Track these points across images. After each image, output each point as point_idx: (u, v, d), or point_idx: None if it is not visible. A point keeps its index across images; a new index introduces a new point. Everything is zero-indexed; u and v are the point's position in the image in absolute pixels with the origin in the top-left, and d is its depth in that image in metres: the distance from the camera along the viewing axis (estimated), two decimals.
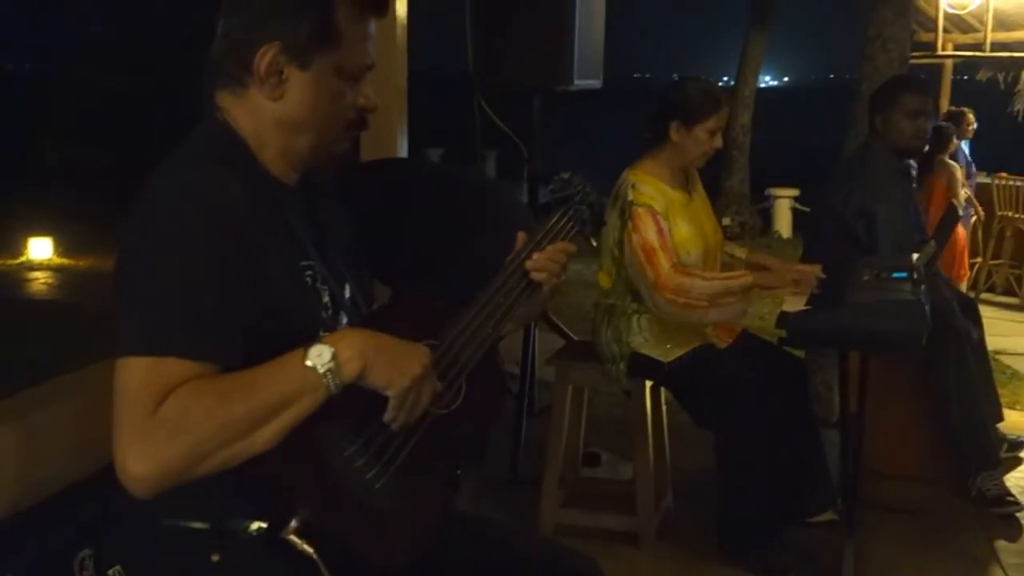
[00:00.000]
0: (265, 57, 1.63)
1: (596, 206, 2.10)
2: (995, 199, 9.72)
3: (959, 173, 8.60)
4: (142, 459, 1.43)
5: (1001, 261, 9.72)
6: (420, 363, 1.58)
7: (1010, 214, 9.67)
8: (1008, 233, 9.66)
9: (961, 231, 8.70)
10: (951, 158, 8.74)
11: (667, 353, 3.60)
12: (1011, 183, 9.70)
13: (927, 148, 8.43)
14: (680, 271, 3.52)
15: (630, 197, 3.60)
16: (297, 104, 1.67)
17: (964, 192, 8.74)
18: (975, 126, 9.70)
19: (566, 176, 2.08)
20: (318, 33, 1.64)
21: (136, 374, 1.47)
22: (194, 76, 1.75)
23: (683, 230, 3.65)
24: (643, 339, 3.64)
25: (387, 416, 1.58)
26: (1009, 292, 9.71)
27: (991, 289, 9.76)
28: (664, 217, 3.59)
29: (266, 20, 1.63)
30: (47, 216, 12.10)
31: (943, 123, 8.67)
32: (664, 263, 3.51)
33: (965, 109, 9.91)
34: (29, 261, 11.48)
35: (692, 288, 3.48)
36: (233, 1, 1.66)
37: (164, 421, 1.43)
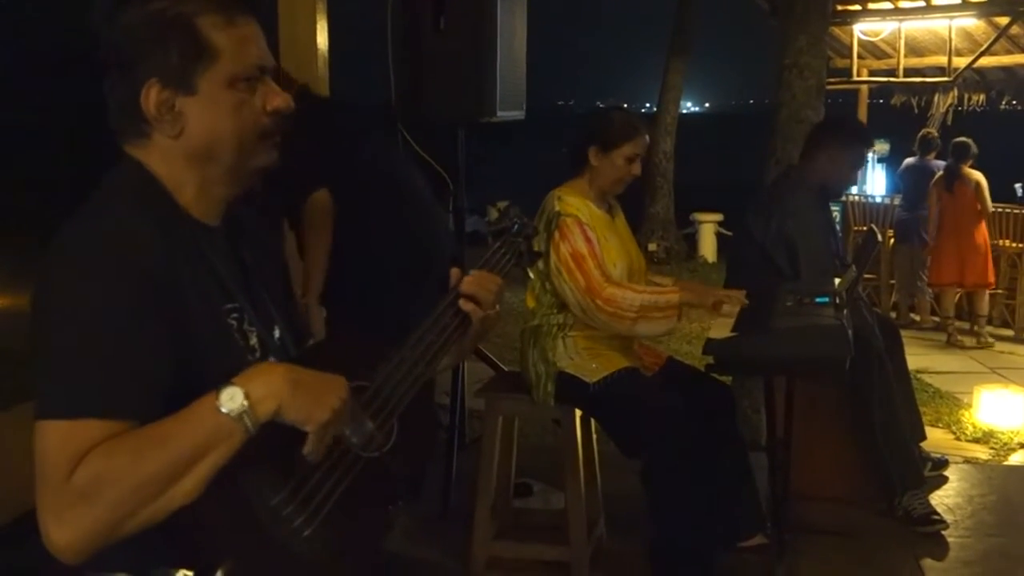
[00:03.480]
0: (149, 98, 1.60)
1: (532, 238, 2.11)
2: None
3: (984, 182, 8.78)
4: (62, 527, 1.40)
5: (997, 291, 9.28)
6: (338, 395, 1.55)
7: (1002, 243, 9.32)
8: (1002, 262, 9.25)
9: (985, 237, 8.85)
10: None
11: (593, 373, 3.61)
12: (1005, 211, 9.41)
13: (950, 161, 8.72)
14: (610, 281, 3.56)
15: (557, 208, 3.65)
16: (200, 131, 1.63)
17: (991, 204, 8.88)
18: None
19: (502, 206, 2.08)
20: (189, 54, 1.60)
21: (53, 438, 1.43)
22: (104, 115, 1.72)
23: (609, 243, 3.70)
24: (569, 359, 3.65)
25: (305, 450, 1.54)
26: (1005, 324, 9.37)
27: (988, 321, 9.15)
28: (591, 228, 3.64)
29: (136, 63, 1.60)
30: None
31: (964, 138, 8.84)
32: (594, 270, 3.55)
33: (936, 133, 10.06)
34: None
35: (623, 299, 3.52)
36: (104, 59, 1.62)
37: (79, 487, 1.40)
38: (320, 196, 4.01)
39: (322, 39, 4.33)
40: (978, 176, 8.78)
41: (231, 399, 1.47)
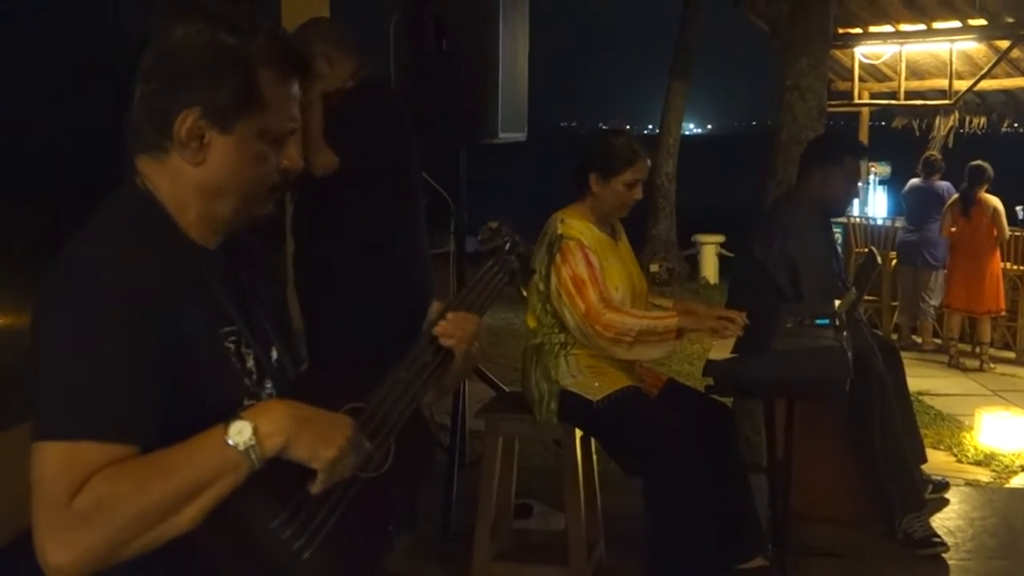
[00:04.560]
0: (185, 122, 1.59)
1: (525, 256, 2.10)
2: None
3: (1001, 208, 8.80)
4: (61, 549, 1.39)
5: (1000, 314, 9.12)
6: (344, 434, 1.55)
7: (1005, 265, 9.10)
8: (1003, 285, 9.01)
9: (998, 264, 8.86)
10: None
11: (596, 391, 3.62)
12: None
13: (966, 184, 8.74)
14: (609, 307, 3.55)
15: (559, 231, 3.66)
16: (219, 169, 1.63)
17: (1008, 230, 8.89)
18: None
19: (494, 226, 2.06)
20: (240, 97, 1.60)
21: (52, 460, 1.42)
22: (111, 135, 1.72)
23: (611, 267, 3.71)
24: (572, 377, 3.65)
25: (314, 489, 1.54)
26: (1007, 346, 9.34)
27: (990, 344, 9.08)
28: (593, 252, 3.64)
29: (186, 85, 1.59)
30: None
31: (980, 161, 8.83)
32: (593, 295, 3.55)
33: (939, 156, 10.12)
34: None
35: (621, 324, 3.52)
36: (150, 65, 1.61)
37: (80, 511, 1.39)
38: (332, 161, 3.74)
39: None
40: (995, 202, 8.76)
41: (239, 433, 1.46)
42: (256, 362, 1.70)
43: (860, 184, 4.55)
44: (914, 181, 9.82)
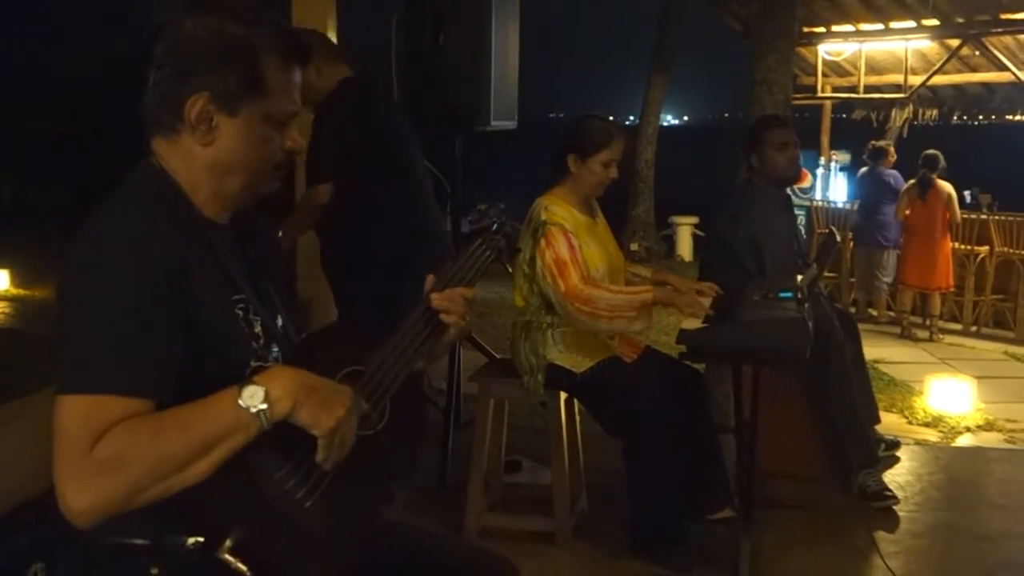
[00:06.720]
0: (195, 106, 1.60)
1: (512, 235, 2.09)
2: (994, 234, 9.14)
3: (955, 194, 8.85)
4: (80, 495, 1.40)
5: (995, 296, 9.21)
6: (344, 405, 1.55)
7: (952, 245, 9.05)
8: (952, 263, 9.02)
9: (949, 245, 8.90)
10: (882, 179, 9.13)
11: (579, 364, 3.63)
12: (1009, 218, 9.18)
13: (922, 171, 8.76)
14: (588, 283, 3.55)
15: (543, 217, 3.64)
16: (227, 149, 1.64)
17: (960, 213, 8.93)
18: (895, 157, 9.77)
19: (483, 208, 2.06)
20: (245, 83, 1.61)
21: (74, 412, 1.43)
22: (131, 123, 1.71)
23: (591, 247, 3.70)
24: (558, 351, 3.66)
25: (319, 457, 1.55)
26: (954, 319, 9.32)
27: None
28: (574, 235, 3.63)
29: (195, 72, 1.60)
30: (3, 249, 11.74)
31: (933, 151, 8.85)
32: (574, 275, 3.55)
33: (885, 143, 10.12)
34: None
35: (598, 299, 3.52)
36: (163, 53, 1.62)
37: (101, 460, 1.40)
38: (324, 189, 3.94)
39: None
40: (949, 188, 8.80)
41: (252, 396, 1.47)
42: (263, 328, 1.70)
43: (797, 145, 4.38)
44: (863, 170, 9.87)
